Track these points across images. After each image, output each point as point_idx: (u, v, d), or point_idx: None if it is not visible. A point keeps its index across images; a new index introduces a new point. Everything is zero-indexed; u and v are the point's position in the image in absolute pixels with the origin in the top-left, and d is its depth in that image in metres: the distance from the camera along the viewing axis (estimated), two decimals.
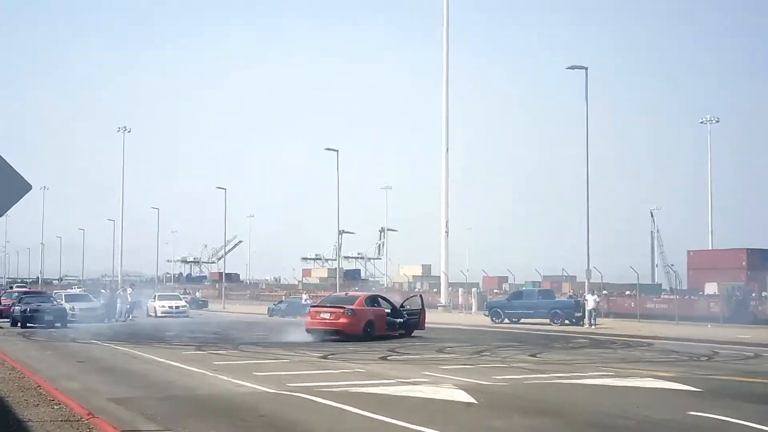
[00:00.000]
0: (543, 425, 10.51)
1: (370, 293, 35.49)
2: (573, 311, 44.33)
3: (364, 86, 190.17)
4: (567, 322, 43.20)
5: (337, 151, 65.36)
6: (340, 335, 27.96)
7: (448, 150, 65.31)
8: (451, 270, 67.84)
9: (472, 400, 12.71)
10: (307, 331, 29.29)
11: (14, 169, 9.30)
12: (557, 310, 44.40)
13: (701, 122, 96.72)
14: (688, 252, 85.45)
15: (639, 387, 14.83)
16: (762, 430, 10.38)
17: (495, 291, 78.05)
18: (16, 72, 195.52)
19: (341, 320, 28.21)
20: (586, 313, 42.65)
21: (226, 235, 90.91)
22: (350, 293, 39.11)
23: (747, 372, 18.27)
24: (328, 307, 29.66)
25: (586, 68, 43.50)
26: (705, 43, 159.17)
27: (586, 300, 43.47)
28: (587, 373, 17.62)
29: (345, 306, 28.78)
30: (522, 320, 45.18)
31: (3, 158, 9.02)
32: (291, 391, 13.85)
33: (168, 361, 19.77)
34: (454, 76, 65.80)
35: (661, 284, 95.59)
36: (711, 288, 67.14)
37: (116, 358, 21.07)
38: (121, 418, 11.19)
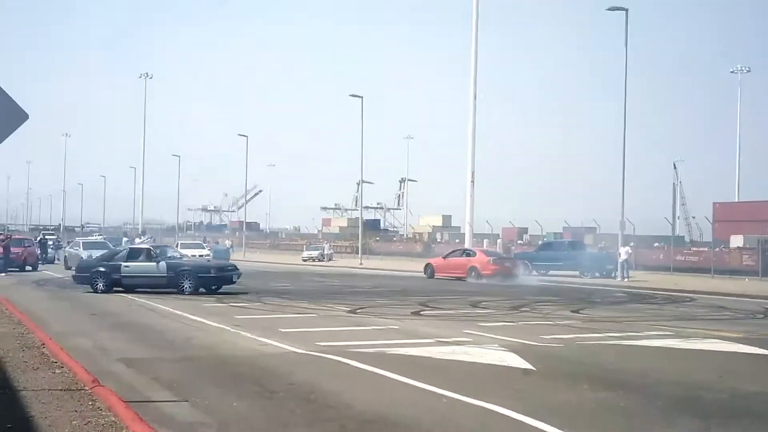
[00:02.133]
0: (621, 400, 9.01)
1: None
2: (604, 263, 42.83)
3: (390, 35, 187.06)
4: (597, 274, 41.72)
5: (362, 97, 63.44)
6: None
7: (476, 97, 63.07)
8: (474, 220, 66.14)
9: (528, 365, 11.23)
10: None
11: (11, 98, 8.44)
12: (587, 263, 42.87)
13: (732, 72, 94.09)
14: (714, 204, 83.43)
15: (712, 351, 13.30)
16: None
17: (519, 242, 76.55)
18: (39, 18, 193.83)
19: None
20: (619, 266, 41.12)
21: (247, 184, 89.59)
22: None
23: None
24: None
25: (627, 10, 41.40)
26: None
27: (619, 252, 41.90)
28: (642, 332, 16.10)
29: None
30: (550, 272, 43.76)
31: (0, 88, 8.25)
32: (321, 352, 12.43)
33: (187, 315, 18.43)
34: (483, 22, 63.34)
35: (684, 237, 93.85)
36: (736, 241, 65.26)
37: (132, 311, 19.76)
38: (131, 384, 9.81)
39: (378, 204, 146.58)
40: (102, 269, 25.59)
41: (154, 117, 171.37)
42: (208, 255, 50.68)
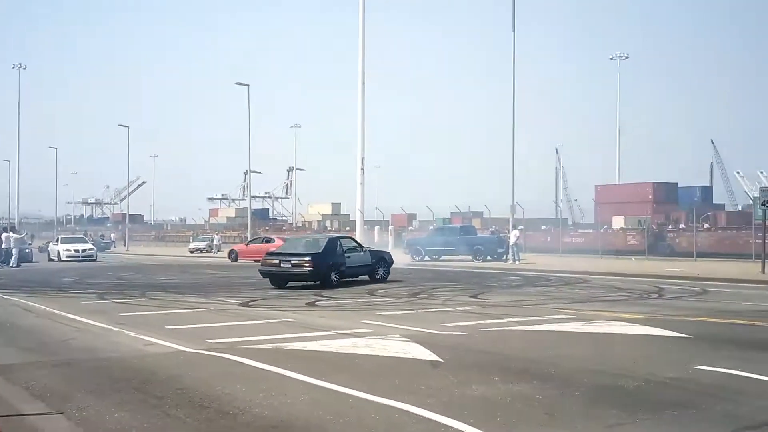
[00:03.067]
0: (538, 392, 8.48)
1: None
2: (495, 247, 43.05)
3: (277, 20, 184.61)
4: (489, 258, 41.88)
5: (248, 85, 61.89)
6: None
7: (364, 83, 62.44)
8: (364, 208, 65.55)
9: (435, 357, 10.63)
10: None
11: None
12: (479, 247, 43.04)
13: (611, 58, 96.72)
14: (596, 187, 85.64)
15: (619, 334, 13.00)
16: None
17: (409, 228, 76.58)
18: None
19: None
20: (509, 249, 41.35)
21: (129, 175, 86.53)
22: None
23: (717, 311, 16.73)
24: None
25: None
26: None
27: (509, 236, 42.16)
28: (544, 316, 15.80)
29: None
30: (443, 257, 43.71)
31: None
32: (214, 351, 11.53)
33: (66, 314, 17.12)
34: (372, 8, 62.57)
35: (567, 219, 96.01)
36: (618, 222, 66.95)
37: (5, 311, 18.29)
38: None
39: (266, 193, 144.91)
40: None
41: (29, 109, 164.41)
42: (92, 249, 48.54)
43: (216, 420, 7.46)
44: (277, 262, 24.49)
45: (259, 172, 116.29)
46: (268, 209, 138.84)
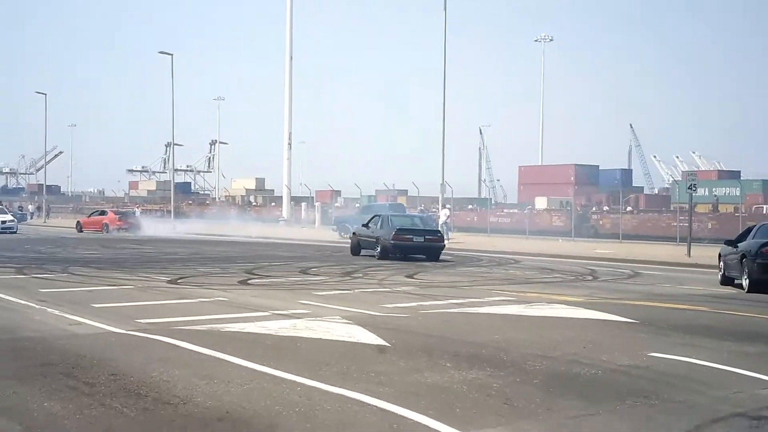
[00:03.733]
0: (494, 380, 8.13)
1: None
2: None
3: None
4: None
5: (172, 55, 60.44)
6: None
7: (291, 58, 61.80)
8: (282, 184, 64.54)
9: (381, 341, 10.21)
10: None
11: None
12: None
13: (536, 41, 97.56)
14: (519, 167, 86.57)
15: (563, 317, 12.78)
16: (755, 376, 8.47)
17: (336, 205, 76.11)
18: None
19: None
20: (439, 228, 41.21)
21: (47, 144, 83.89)
22: None
23: (654, 295, 16.74)
24: None
25: None
26: None
27: (439, 215, 42.06)
28: (484, 298, 15.57)
29: None
30: None
31: None
32: (144, 332, 10.90)
33: None
34: None
35: (491, 199, 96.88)
36: (541, 203, 67.74)
37: None
38: None
39: (188, 166, 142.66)
40: None
41: None
42: (12, 221, 46.69)
43: (156, 410, 6.90)
44: (411, 237, 27.43)
45: (181, 145, 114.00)
46: (190, 183, 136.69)
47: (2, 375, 8.26)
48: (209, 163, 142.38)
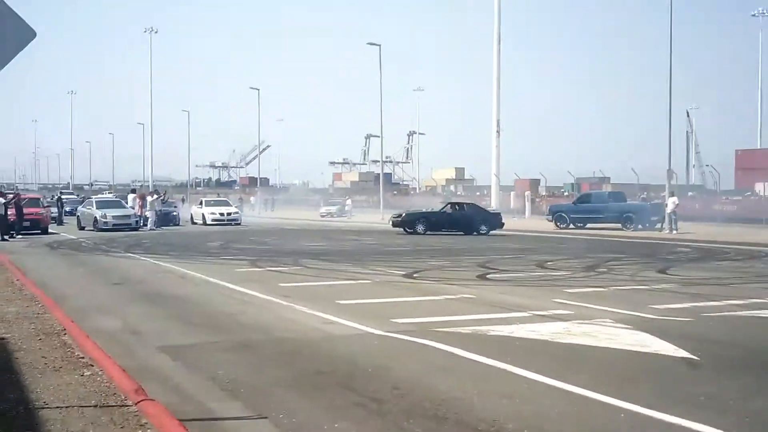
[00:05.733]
0: None
1: None
2: (648, 215, 40.37)
3: None
4: (640, 227, 39.25)
5: (380, 45, 60.24)
6: None
7: (500, 41, 60.15)
8: (481, 173, 63.29)
9: (684, 353, 8.77)
10: None
11: (18, 15, 6.98)
12: (630, 214, 40.36)
13: (753, 15, 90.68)
14: (736, 151, 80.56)
15: None
16: None
17: (543, 194, 74.12)
18: None
19: None
20: (666, 218, 38.63)
21: (260, 137, 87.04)
22: None
23: None
24: None
25: None
26: None
27: (667, 203, 39.34)
28: (765, 299, 13.67)
29: None
30: (588, 225, 41.39)
31: (5, 3, 6.87)
32: (405, 334, 10.01)
33: (224, 283, 16.02)
34: None
35: (703, 185, 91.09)
36: (763, 189, 62.50)
37: (160, 279, 17.36)
38: (183, 389, 7.39)
39: (387, 158, 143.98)
40: None
41: (161, 72, 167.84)
42: (237, 213, 48.01)
43: None
44: None
45: (379, 136, 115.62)
46: (390, 174, 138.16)
47: (276, 383, 7.57)
48: (407, 154, 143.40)
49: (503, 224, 37.83)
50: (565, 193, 75.13)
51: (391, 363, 8.41)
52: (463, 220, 37.19)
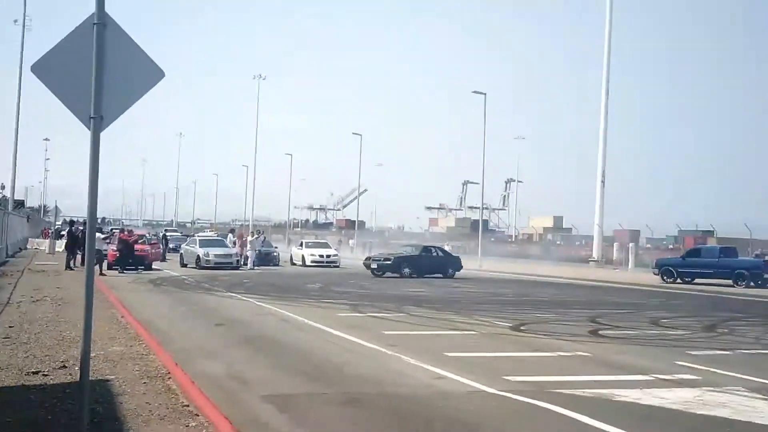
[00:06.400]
0: None
1: None
2: (762, 273, 38.47)
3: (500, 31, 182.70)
4: (752, 284, 37.41)
5: (485, 94, 59.68)
6: None
7: (608, 93, 59.31)
8: (581, 222, 61.89)
9: None
10: None
11: (148, 56, 7.08)
12: (743, 271, 38.54)
13: None
14: None
15: None
16: None
17: (646, 246, 72.09)
18: (156, 21, 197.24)
19: None
20: None
21: (360, 181, 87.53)
22: None
23: None
24: None
25: None
26: None
27: None
28: None
29: None
30: (696, 280, 39.68)
31: (136, 44, 7.00)
32: (522, 394, 9.38)
33: (326, 328, 15.67)
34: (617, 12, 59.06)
35: None
36: None
37: (262, 321, 17.12)
38: None
39: (484, 205, 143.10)
40: None
41: (265, 117, 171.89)
42: (336, 255, 47.56)
43: None
44: None
45: (476, 183, 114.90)
46: (487, 220, 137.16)
47: None
48: (504, 201, 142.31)
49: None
50: (670, 246, 72.94)
51: (510, 429, 7.79)
52: None
